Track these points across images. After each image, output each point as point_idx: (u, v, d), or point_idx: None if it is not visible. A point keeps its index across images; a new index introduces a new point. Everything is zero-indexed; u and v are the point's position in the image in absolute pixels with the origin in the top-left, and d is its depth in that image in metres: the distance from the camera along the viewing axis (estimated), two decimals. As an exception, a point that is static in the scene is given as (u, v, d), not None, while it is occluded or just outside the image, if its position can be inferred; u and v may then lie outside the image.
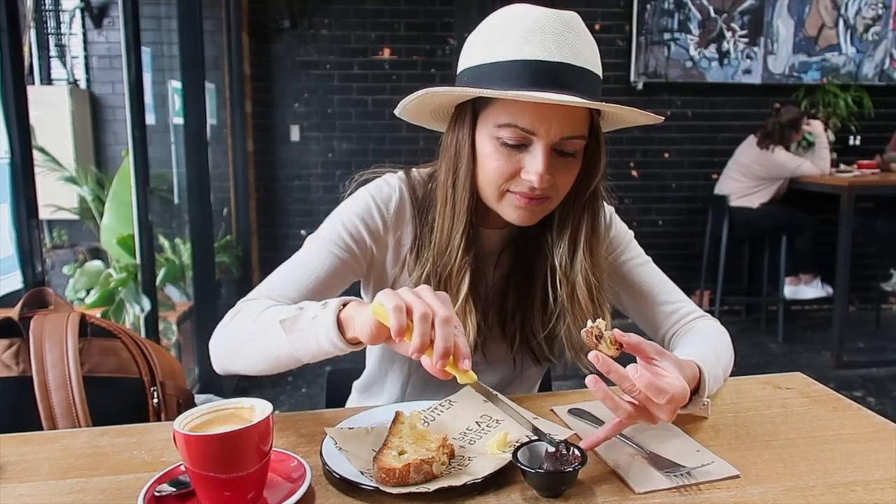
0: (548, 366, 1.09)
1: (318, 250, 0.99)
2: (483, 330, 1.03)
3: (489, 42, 0.90)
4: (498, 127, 0.89)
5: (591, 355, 0.72)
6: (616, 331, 0.76)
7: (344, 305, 0.80)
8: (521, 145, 0.90)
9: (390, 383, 1.14)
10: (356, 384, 1.22)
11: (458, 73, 0.95)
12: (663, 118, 0.95)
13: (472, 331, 0.98)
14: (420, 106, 0.96)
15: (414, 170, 1.07)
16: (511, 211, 0.95)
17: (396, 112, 0.99)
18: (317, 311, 0.81)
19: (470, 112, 0.93)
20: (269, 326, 0.85)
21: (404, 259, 1.03)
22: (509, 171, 0.91)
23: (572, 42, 0.88)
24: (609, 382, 0.73)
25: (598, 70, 0.92)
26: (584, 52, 0.89)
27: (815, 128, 4.10)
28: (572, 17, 0.90)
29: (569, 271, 0.98)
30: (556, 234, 1.00)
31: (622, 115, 0.94)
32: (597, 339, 0.75)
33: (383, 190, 1.03)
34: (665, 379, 0.75)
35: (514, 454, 0.72)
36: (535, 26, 0.87)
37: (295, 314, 0.83)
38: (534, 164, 0.89)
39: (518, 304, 1.05)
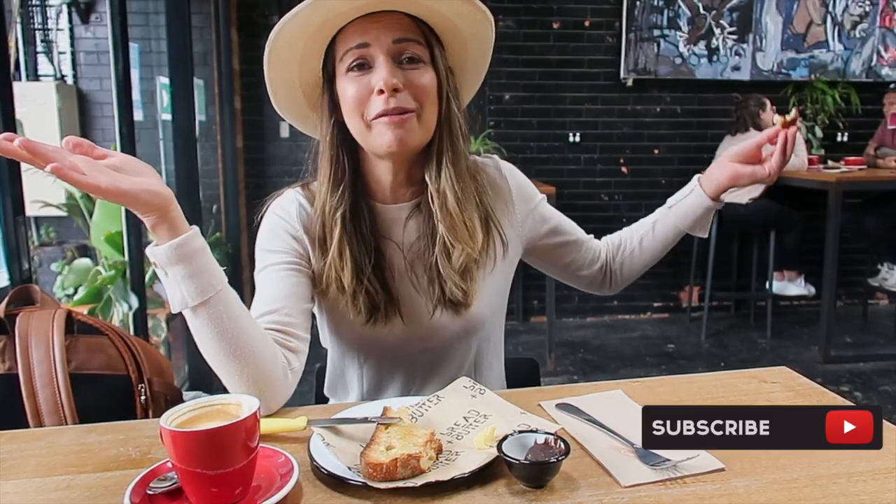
0: (463, 312, 1.08)
1: (267, 279, 1.02)
2: (411, 294, 1.07)
3: None
4: (341, 60, 0.98)
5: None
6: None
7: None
8: (366, 66, 0.97)
9: (350, 381, 1.15)
10: (325, 388, 1.23)
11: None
12: (490, 16, 1.00)
13: (347, 281, 1.02)
14: (286, 93, 1.04)
15: (314, 183, 1.09)
16: (381, 138, 0.97)
17: (281, 113, 1.08)
18: (160, 273, 0.86)
19: (326, 74, 1.02)
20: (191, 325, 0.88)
21: (318, 254, 1.05)
22: (364, 93, 0.97)
23: None
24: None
25: None
26: None
27: None
28: None
29: (437, 183, 1.03)
30: (427, 162, 1.04)
31: (447, 17, 0.98)
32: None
33: (283, 205, 1.08)
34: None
35: (499, 446, 0.73)
36: None
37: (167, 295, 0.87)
38: (379, 73, 0.95)
39: (434, 258, 1.06)
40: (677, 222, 1.18)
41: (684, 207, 1.17)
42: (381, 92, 0.95)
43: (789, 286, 4.38)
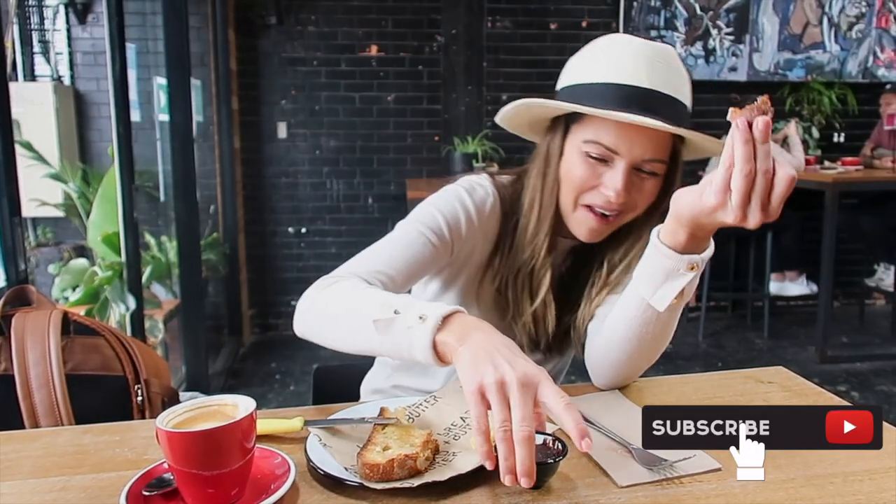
0: (556, 360, 1.12)
1: (410, 231, 1.00)
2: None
3: (587, 65, 0.98)
4: (585, 142, 0.96)
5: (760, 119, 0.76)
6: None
7: (444, 320, 0.76)
8: (604, 161, 0.95)
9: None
10: (391, 363, 1.19)
11: (557, 89, 1.02)
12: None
13: (551, 324, 1.05)
14: (517, 117, 1.04)
15: (497, 177, 1.11)
16: (580, 228, 1.00)
17: (497, 121, 1.08)
18: (412, 321, 0.77)
19: (563, 125, 1.00)
20: (361, 319, 0.82)
21: (486, 260, 1.07)
22: (590, 182, 0.96)
23: (662, 71, 0.94)
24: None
25: (686, 100, 0.98)
26: (674, 82, 0.95)
27: (789, 129, 4.16)
28: (665, 49, 0.96)
29: (612, 274, 1.04)
30: (615, 242, 1.04)
31: (703, 144, 0.98)
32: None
33: (477, 190, 1.06)
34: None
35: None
36: (630, 54, 0.94)
37: (389, 317, 0.79)
38: (613, 181, 0.94)
39: (556, 297, 1.07)
40: (634, 282, 0.92)
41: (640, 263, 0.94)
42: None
43: (790, 286, 4.38)
